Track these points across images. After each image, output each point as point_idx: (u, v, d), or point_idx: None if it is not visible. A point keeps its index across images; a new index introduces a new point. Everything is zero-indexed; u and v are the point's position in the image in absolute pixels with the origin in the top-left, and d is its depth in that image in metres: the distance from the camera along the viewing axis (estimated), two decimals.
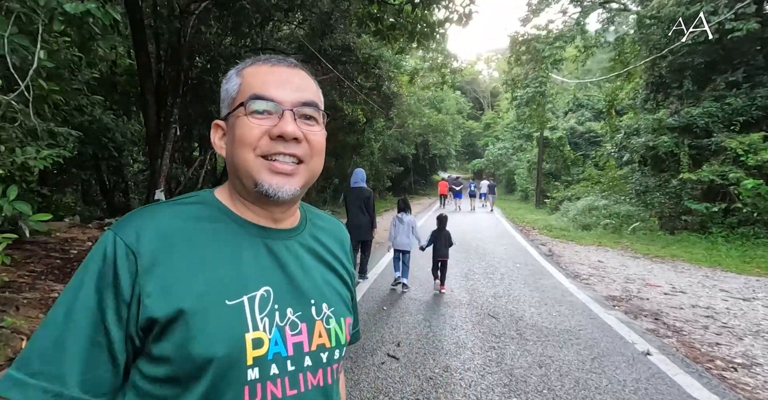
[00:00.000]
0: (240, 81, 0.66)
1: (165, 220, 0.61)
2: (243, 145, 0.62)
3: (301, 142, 0.63)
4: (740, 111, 9.30)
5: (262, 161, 0.62)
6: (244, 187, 0.65)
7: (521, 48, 14.73)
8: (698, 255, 8.08)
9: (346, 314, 0.72)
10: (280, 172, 0.62)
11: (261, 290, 0.62)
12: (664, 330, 3.70)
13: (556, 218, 13.83)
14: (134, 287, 0.56)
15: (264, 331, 0.60)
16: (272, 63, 0.66)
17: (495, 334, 3.45)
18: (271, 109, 0.62)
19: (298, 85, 0.65)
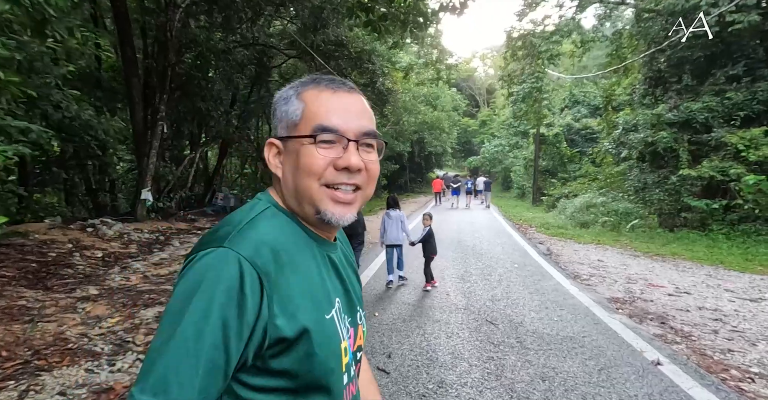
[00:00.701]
0: (302, 106, 0.66)
1: (272, 236, 0.62)
2: (309, 174, 0.64)
3: (361, 172, 0.66)
4: (741, 105, 9.11)
5: (325, 190, 0.64)
6: (303, 211, 0.67)
7: (517, 43, 14.49)
8: (699, 253, 7.91)
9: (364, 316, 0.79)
10: (342, 201, 0.65)
11: (336, 302, 0.67)
12: (672, 335, 3.49)
13: (553, 216, 13.65)
14: (261, 308, 0.56)
15: (345, 339, 0.66)
16: (333, 88, 0.67)
17: (493, 342, 3.22)
18: (335, 139, 0.64)
19: (358, 112, 0.67)
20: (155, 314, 4.24)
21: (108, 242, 7.75)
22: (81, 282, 5.45)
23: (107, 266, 6.46)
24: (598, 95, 24.90)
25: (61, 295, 4.81)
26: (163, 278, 5.83)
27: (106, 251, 7.27)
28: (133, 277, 5.85)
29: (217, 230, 0.62)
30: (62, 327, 3.71)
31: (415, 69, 14.91)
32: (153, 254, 7.40)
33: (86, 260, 6.60)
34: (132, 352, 3.24)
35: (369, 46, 11.07)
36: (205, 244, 0.59)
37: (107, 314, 4.31)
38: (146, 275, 5.98)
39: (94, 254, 6.95)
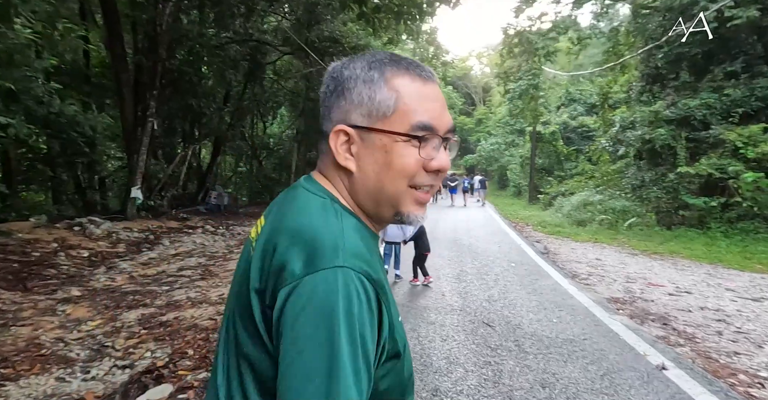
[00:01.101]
0: (395, 97, 0.59)
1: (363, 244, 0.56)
2: (402, 175, 0.58)
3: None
4: (739, 102, 9.02)
5: (410, 192, 0.59)
6: (379, 211, 0.62)
7: (514, 40, 14.35)
8: (698, 251, 7.82)
9: None
10: (423, 202, 0.61)
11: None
12: (675, 337, 3.36)
13: (550, 214, 13.54)
14: (381, 327, 0.53)
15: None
16: (424, 78, 0.61)
17: (491, 346, 3.07)
18: (430, 137, 0.59)
19: (445, 105, 0.62)
20: (138, 316, 4.07)
21: (95, 242, 7.56)
22: (63, 283, 5.26)
23: (93, 266, 6.27)
24: (594, 93, 24.84)
25: (41, 297, 4.62)
26: (150, 279, 5.66)
27: (93, 250, 7.07)
28: (118, 277, 5.67)
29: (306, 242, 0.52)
30: (37, 331, 3.53)
31: None
32: (141, 254, 7.22)
33: (71, 260, 6.41)
34: (110, 358, 3.07)
35: (363, 41, 10.88)
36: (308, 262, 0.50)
37: (88, 316, 4.13)
38: (132, 276, 5.81)
39: (80, 254, 6.76)
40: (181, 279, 5.72)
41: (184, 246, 8.13)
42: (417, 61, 0.64)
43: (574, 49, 15.00)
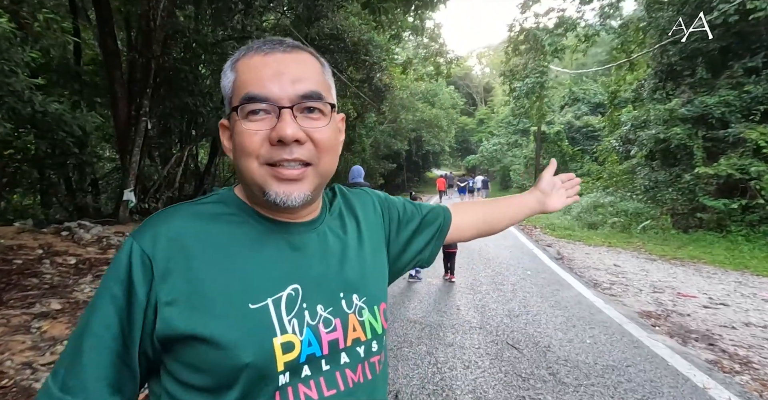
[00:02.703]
0: (234, 77, 0.59)
1: (181, 222, 0.59)
2: (244, 154, 0.57)
3: (304, 144, 0.57)
4: (761, 99, 8.60)
5: (267, 169, 0.57)
6: (254, 195, 0.61)
7: (520, 37, 13.95)
8: (720, 256, 7.40)
9: (379, 299, 0.67)
10: (287, 178, 0.57)
11: (287, 290, 0.59)
12: (728, 362, 2.95)
13: (558, 216, 13.12)
14: (150, 294, 0.54)
15: (294, 333, 0.57)
16: (265, 51, 0.58)
17: (521, 375, 2.66)
18: (267, 108, 0.56)
19: (296, 74, 0.57)
20: None
21: (84, 247, 7.15)
22: (44, 294, 4.85)
23: (79, 274, 5.86)
24: (598, 92, 24.46)
25: (17, 311, 4.21)
26: None
27: (81, 257, 6.66)
28: None
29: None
30: (3, 355, 3.13)
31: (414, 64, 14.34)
32: None
33: (56, 268, 5.99)
34: None
35: (366, 36, 10.47)
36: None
37: (65, 334, 3.72)
38: None
39: (66, 261, 6.35)
40: None
41: None
42: (279, 38, 0.61)
43: (582, 46, 14.61)
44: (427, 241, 0.84)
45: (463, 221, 0.91)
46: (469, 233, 0.93)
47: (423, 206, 0.88)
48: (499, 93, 36.18)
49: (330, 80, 0.64)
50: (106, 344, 0.54)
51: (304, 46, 0.62)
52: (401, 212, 0.82)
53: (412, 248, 0.82)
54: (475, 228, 0.94)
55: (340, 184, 0.79)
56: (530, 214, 0.99)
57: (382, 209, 0.79)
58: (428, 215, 0.85)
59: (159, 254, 0.55)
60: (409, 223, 0.83)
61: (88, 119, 7.01)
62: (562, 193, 1.01)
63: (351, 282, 0.65)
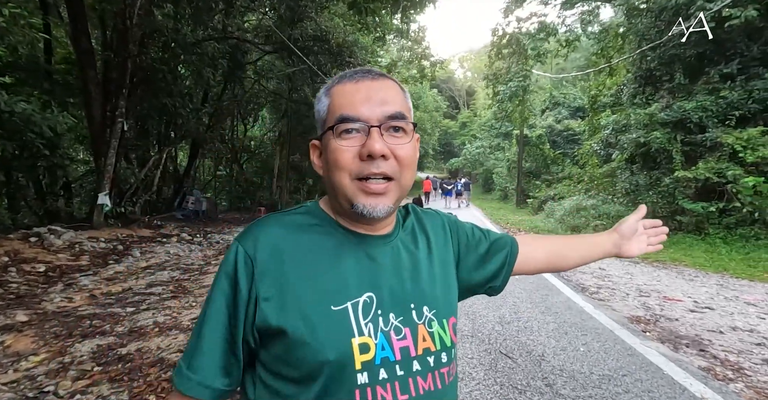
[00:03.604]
0: (328, 102, 0.67)
1: (277, 229, 0.67)
2: (337, 169, 0.64)
3: (389, 159, 0.64)
4: (736, 105, 8.83)
5: (357, 184, 0.64)
6: (341, 207, 0.68)
7: (503, 41, 14.07)
8: (700, 259, 7.55)
9: (448, 313, 0.72)
10: (373, 192, 0.64)
11: (364, 296, 0.64)
12: (720, 369, 2.93)
13: (541, 219, 13.23)
14: (251, 290, 0.63)
15: (369, 336, 0.63)
16: (356, 79, 0.67)
17: (517, 387, 2.58)
18: (358, 127, 0.64)
19: (383, 98, 0.65)
20: (92, 348, 3.44)
21: (55, 254, 6.80)
22: (9, 305, 4.56)
23: (49, 283, 5.55)
24: (578, 97, 24.91)
25: None
26: (113, 298, 4.99)
27: (51, 264, 6.33)
28: (77, 297, 4.99)
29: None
30: None
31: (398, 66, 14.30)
32: (107, 267, 6.52)
33: (23, 277, 5.66)
34: None
35: (351, 38, 10.36)
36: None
37: (31, 349, 3.47)
38: (94, 294, 5.13)
39: (35, 269, 6.01)
40: (150, 298, 5.08)
41: (157, 257, 7.45)
42: (367, 68, 0.70)
43: (563, 51, 14.83)
44: (498, 268, 0.86)
45: (533, 253, 0.92)
46: (537, 265, 0.93)
47: (491, 233, 0.91)
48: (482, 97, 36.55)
49: (410, 103, 0.71)
50: (219, 331, 0.64)
51: (388, 75, 0.70)
52: (470, 235, 0.86)
53: (482, 273, 0.85)
54: (545, 261, 0.94)
55: (414, 205, 0.86)
56: (603, 256, 0.97)
57: (451, 230, 0.84)
58: (496, 242, 0.88)
59: (259, 256, 0.64)
60: (478, 247, 0.86)
61: (60, 120, 6.69)
62: (642, 240, 0.97)
63: (422, 295, 0.70)
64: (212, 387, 0.63)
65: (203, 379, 0.63)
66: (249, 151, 18.36)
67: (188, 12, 10.37)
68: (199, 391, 0.63)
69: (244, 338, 0.63)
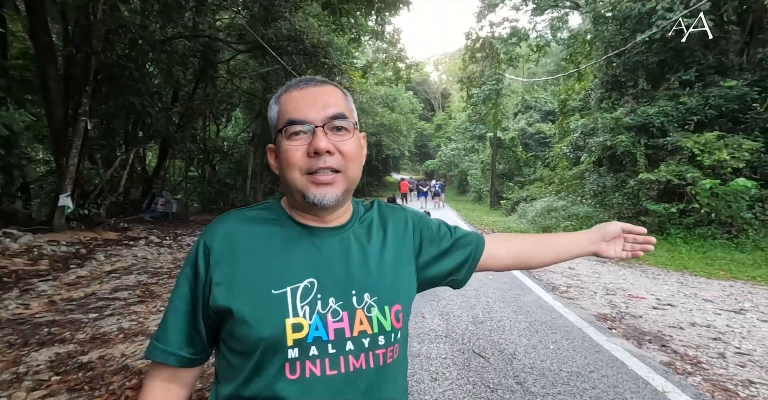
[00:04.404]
0: (278, 108, 0.76)
1: (234, 223, 0.77)
2: (289, 166, 0.72)
3: (334, 154, 0.72)
4: (694, 110, 9.28)
5: (306, 177, 0.72)
6: (295, 200, 0.76)
7: (476, 45, 14.31)
8: (662, 258, 7.87)
9: (392, 300, 0.77)
10: (322, 183, 0.71)
11: (305, 282, 0.72)
12: (680, 363, 3.06)
13: (514, 220, 13.51)
14: (207, 274, 0.73)
15: (304, 317, 0.70)
16: (301, 86, 0.75)
17: (489, 385, 2.61)
18: (305, 129, 0.72)
19: (325, 101, 0.73)
20: (50, 357, 3.27)
21: (10, 258, 6.45)
22: None
23: (3, 288, 5.25)
24: (548, 101, 25.61)
25: None
26: (75, 304, 4.77)
27: (6, 269, 5.99)
28: (34, 303, 4.73)
29: None
30: None
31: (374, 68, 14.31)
32: (68, 272, 6.23)
33: None
34: None
35: (326, 38, 10.30)
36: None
37: None
38: (53, 300, 4.88)
39: None
40: (115, 303, 4.88)
41: (123, 261, 7.17)
42: (312, 77, 0.77)
43: (534, 56, 15.22)
44: (460, 262, 0.90)
45: (500, 250, 0.95)
46: (505, 261, 0.96)
47: (459, 229, 0.95)
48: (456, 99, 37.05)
49: (352, 105, 0.79)
50: (182, 309, 0.74)
51: (330, 81, 0.78)
52: (434, 230, 0.91)
53: (442, 266, 0.89)
54: (513, 257, 0.96)
55: (380, 200, 0.92)
56: (580, 253, 0.97)
57: (414, 224, 0.89)
58: (462, 239, 0.92)
59: (215, 246, 0.74)
60: (441, 242, 0.90)
61: (17, 118, 6.35)
62: (619, 243, 0.96)
63: (364, 283, 0.75)
64: (178, 354, 0.74)
65: (170, 347, 0.73)
66: (222, 151, 17.97)
67: (156, 8, 10.06)
68: (164, 357, 0.74)
69: (205, 315, 0.73)
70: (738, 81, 8.97)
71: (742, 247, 8.03)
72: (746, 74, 9.19)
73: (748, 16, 8.98)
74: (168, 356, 0.74)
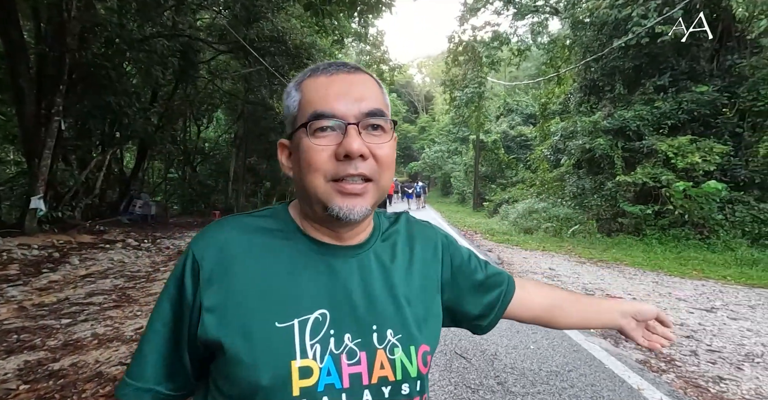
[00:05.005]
0: (299, 97, 0.62)
1: (231, 232, 0.62)
2: (311, 170, 0.59)
3: (367, 159, 0.59)
4: (668, 115, 9.57)
5: (332, 185, 0.59)
6: (313, 211, 0.62)
7: (459, 48, 14.47)
8: (638, 258, 8.06)
9: (419, 340, 0.63)
10: (350, 193, 0.59)
11: (315, 313, 0.58)
12: (655, 361, 3.15)
13: (497, 222, 13.68)
14: (196, 297, 0.58)
15: (314, 359, 0.56)
16: (330, 72, 0.61)
17: (470, 386, 2.63)
18: (334, 125, 0.58)
19: (361, 93, 0.60)
20: (19, 364, 3.16)
21: None
22: None
23: None
24: (530, 104, 26.06)
25: None
26: (47, 309, 4.61)
27: None
28: (3, 309, 4.56)
29: None
30: None
31: None
32: (41, 276, 6.02)
33: None
34: None
35: (309, 40, 10.27)
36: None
37: None
38: (24, 306, 4.72)
39: None
40: (89, 308, 4.74)
41: (98, 264, 6.98)
42: (341, 61, 0.63)
43: (515, 60, 15.47)
44: (488, 304, 0.78)
45: (531, 297, 0.83)
46: (534, 312, 0.83)
47: (489, 265, 0.82)
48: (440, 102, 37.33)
49: (388, 100, 0.65)
50: (163, 335, 0.60)
51: (364, 68, 0.65)
52: (465, 259, 0.77)
53: (471, 304, 0.76)
54: (543, 310, 0.83)
55: (409, 214, 0.79)
56: (607, 324, 0.85)
57: (444, 248, 0.75)
58: (494, 277, 0.79)
59: (207, 261, 0.59)
60: (474, 274, 0.77)
61: None
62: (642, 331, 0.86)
63: (388, 316, 0.62)
64: (154, 390, 0.59)
65: (144, 383, 0.59)
66: (203, 153, 17.69)
67: (134, 7, 9.86)
68: (137, 396, 0.59)
69: (191, 346, 0.59)
70: (709, 87, 9.30)
71: (713, 247, 8.30)
72: (716, 80, 9.53)
73: (718, 24, 9.32)
74: (142, 394, 0.59)
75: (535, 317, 0.84)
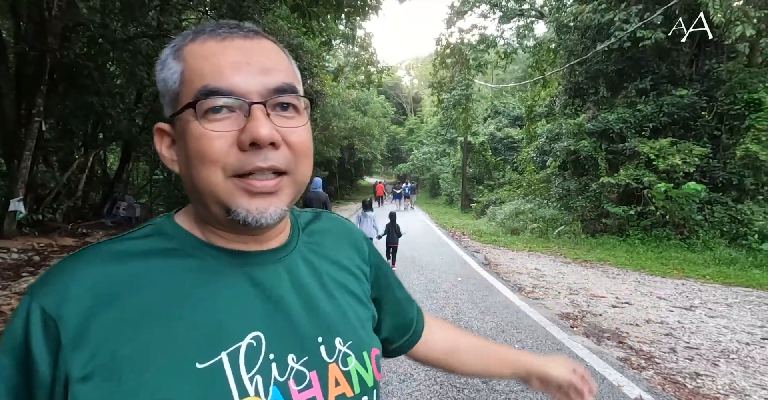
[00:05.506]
0: (181, 67, 0.47)
1: (100, 268, 0.45)
2: (204, 163, 0.44)
3: (279, 148, 0.46)
4: (650, 117, 9.79)
5: (234, 182, 0.45)
6: (211, 215, 0.48)
7: (446, 51, 14.59)
8: (621, 258, 8.21)
9: (369, 344, 0.55)
10: (260, 191, 0.45)
11: (247, 339, 0.46)
12: (635, 358, 3.22)
13: (484, 223, 13.80)
14: (57, 369, 0.41)
15: (257, 395, 0.44)
16: (222, 35, 0.46)
17: (456, 385, 2.67)
18: (233, 104, 0.45)
19: (264, 63, 0.47)
20: None
21: None
22: None
23: None
24: (516, 107, 26.36)
25: None
26: None
27: None
28: None
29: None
30: None
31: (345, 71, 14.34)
32: (20, 280, 5.90)
33: None
34: None
35: (296, 41, 10.25)
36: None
37: None
38: (2, 311, 4.61)
39: None
40: None
41: None
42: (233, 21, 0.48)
43: (502, 62, 15.65)
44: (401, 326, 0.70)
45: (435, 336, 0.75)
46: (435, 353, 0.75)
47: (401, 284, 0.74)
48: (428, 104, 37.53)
49: (298, 73, 0.52)
50: None
51: (264, 33, 0.51)
52: (389, 270, 0.70)
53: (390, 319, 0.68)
54: (442, 352, 0.75)
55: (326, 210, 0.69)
56: (511, 376, 0.76)
57: (371, 251, 0.66)
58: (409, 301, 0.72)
59: (69, 314, 0.42)
60: (397, 289, 0.70)
61: None
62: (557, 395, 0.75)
63: (332, 322, 0.52)
64: None
65: None
66: None
67: (117, 6, 9.72)
68: None
69: None
70: (688, 90, 9.54)
71: (693, 247, 8.50)
72: (695, 84, 9.78)
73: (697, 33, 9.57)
74: None
75: (433, 358, 0.75)
